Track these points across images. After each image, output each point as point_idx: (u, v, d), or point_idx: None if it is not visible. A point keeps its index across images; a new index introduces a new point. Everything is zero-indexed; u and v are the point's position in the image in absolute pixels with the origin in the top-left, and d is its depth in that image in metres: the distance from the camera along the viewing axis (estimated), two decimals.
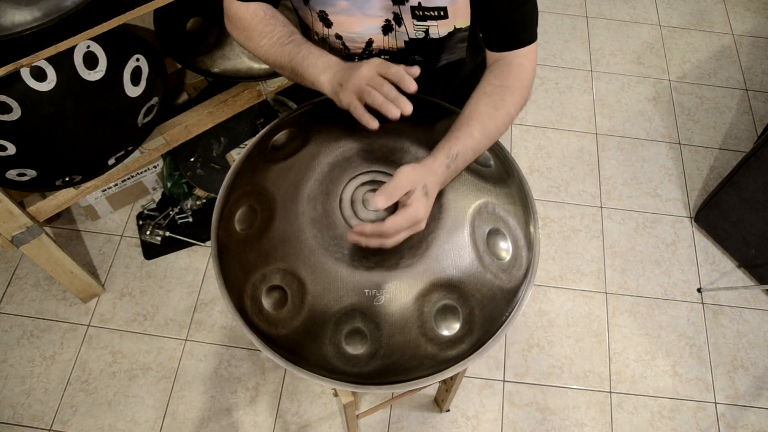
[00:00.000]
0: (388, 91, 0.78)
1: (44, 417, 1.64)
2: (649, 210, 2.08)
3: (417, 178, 0.76)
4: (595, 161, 2.18)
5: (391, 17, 0.92)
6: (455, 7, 0.90)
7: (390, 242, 0.76)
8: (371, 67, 0.80)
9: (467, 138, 0.84)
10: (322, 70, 0.85)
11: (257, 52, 0.93)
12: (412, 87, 0.78)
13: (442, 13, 0.91)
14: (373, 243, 0.76)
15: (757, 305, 1.90)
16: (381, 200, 0.74)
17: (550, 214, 2.05)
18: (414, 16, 0.91)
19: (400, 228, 0.75)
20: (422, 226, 0.78)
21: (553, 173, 2.14)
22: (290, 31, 0.91)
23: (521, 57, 0.92)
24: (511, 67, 0.91)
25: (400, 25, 0.93)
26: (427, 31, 0.94)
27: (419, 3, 0.89)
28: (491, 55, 0.94)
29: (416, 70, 0.80)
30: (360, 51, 0.99)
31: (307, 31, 1.04)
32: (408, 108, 0.77)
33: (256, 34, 0.92)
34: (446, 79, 1.08)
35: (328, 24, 0.95)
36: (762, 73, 2.44)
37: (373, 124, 0.79)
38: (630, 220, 2.05)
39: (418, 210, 0.76)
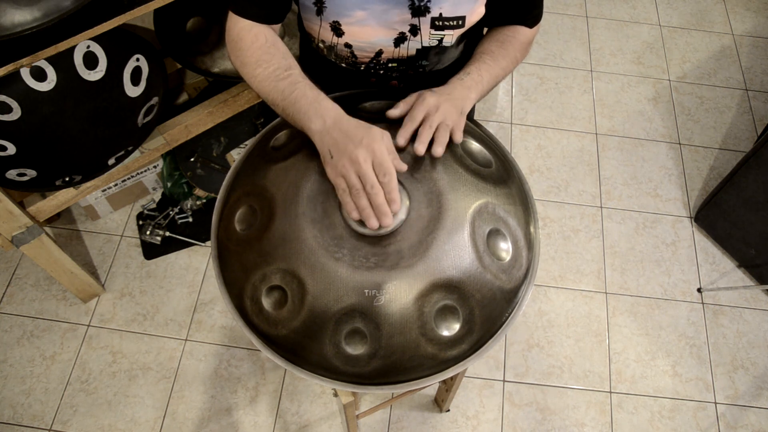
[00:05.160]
0: (374, 197, 0.75)
1: (44, 417, 1.64)
2: (649, 210, 2.08)
3: (432, 100, 0.85)
4: (595, 161, 2.18)
5: (407, 29, 0.91)
6: (473, 14, 0.91)
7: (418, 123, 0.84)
8: (366, 153, 0.75)
9: (479, 63, 0.92)
10: (312, 118, 0.80)
11: (251, 81, 0.89)
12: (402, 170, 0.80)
13: (460, 22, 0.91)
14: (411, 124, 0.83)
15: (757, 305, 1.90)
16: (396, 111, 0.86)
17: (550, 214, 2.05)
18: (433, 27, 0.91)
19: (417, 112, 0.83)
20: (445, 108, 0.84)
21: (553, 173, 2.14)
22: (288, 64, 0.87)
23: (526, 34, 0.98)
24: (514, 39, 0.97)
25: (415, 35, 0.92)
26: (441, 40, 0.94)
27: (440, 14, 0.89)
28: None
29: (404, 167, 0.79)
30: (368, 60, 0.98)
31: (309, 41, 1.03)
32: (387, 221, 0.76)
33: (253, 61, 0.88)
34: (447, 79, 1.08)
35: (339, 33, 0.93)
36: (762, 73, 2.44)
37: (354, 215, 0.77)
38: (630, 220, 2.05)
39: (425, 96, 0.84)
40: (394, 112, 0.86)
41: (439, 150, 0.82)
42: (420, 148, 0.81)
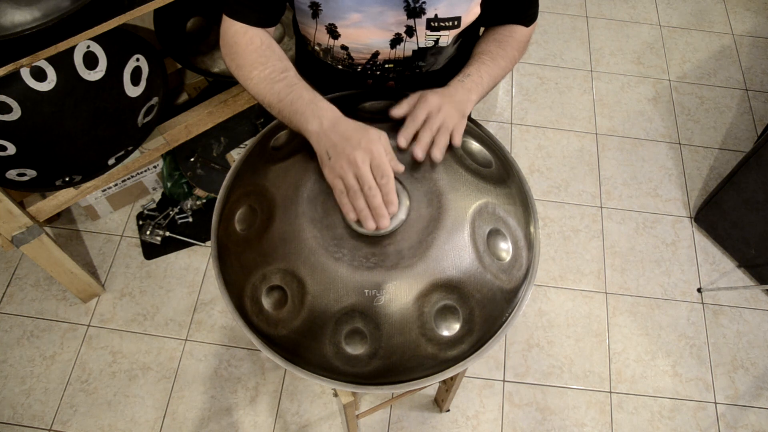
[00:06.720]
0: (371, 198, 0.75)
1: (44, 417, 1.64)
2: (649, 210, 2.08)
3: (435, 101, 0.84)
4: (595, 161, 2.18)
5: (403, 30, 0.91)
6: (468, 15, 0.91)
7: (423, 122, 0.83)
8: (364, 155, 0.75)
9: (478, 63, 0.92)
10: (309, 119, 0.80)
11: (246, 83, 0.89)
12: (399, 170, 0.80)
13: (456, 22, 0.91)
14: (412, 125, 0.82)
15: (757, 305, 1.90)
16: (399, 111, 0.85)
17: (550, 214, 2.05)
18: (428, 27, 0.91)
19: (419, 114, 0.82)
20: (447, 110, 0.84)
21: (553, 173, 2.14)
22: (283, 66, 0.87)
23: (523, 33, 0.98)
24: (511, 39, 0.97)
25: (411, 36, 0.92)
26: (437, 41, 0.94)
27: (435, 15, 0.89)
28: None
29: (401, 168, 0.79)
30: (364, 61, 0.98)
31: (305, 43, 1.03)
32: (384, 222, 0.76)
33: (248, 64, 0.88)
34: (444, 79, 1.08)
35: (336, 36, 0.93)
36: (762, 73, 2.44)
37: (351, 216, 0.77)
38: (630, 220, 2.05)
39: (427, 97, 0.84)
40: (397, 112, 0.86)
41: (437, 155, 0.82)
42: (419, 152, 0.81)
